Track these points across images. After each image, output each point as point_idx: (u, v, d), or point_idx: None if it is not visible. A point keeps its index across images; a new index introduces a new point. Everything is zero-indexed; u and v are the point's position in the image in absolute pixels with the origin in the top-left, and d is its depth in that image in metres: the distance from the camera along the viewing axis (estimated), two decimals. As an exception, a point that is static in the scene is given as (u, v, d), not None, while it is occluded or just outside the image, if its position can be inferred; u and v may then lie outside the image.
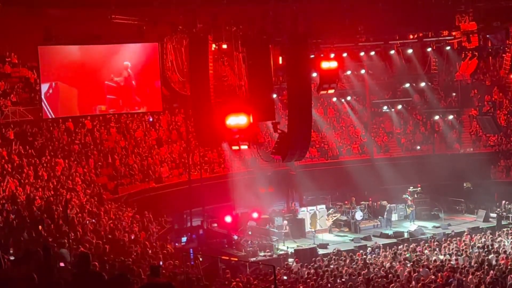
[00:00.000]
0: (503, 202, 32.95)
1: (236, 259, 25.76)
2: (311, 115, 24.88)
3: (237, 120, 24.12)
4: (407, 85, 36.97)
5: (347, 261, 24.98)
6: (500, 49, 30.50)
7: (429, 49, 32.41)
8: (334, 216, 32.68)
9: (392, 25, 31.58)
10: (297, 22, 26.79)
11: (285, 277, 22.34)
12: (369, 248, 28.16)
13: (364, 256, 25.81)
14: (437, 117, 38.46)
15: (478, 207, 34.29)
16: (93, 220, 22.94)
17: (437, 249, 26.35)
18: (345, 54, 31.83)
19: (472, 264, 22.10)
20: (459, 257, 23.83)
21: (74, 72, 30.63)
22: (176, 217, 32.22)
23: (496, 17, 29.95)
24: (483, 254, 23.80)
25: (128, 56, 31.60)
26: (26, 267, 9.71)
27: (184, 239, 30.40)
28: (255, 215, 31.61)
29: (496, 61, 36.45)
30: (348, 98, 39.06)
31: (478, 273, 20.13)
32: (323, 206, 33.80)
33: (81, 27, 30.92)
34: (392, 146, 39.36)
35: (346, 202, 34.12)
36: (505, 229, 29.66)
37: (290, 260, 27.33)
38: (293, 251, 28.50)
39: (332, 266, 24.01)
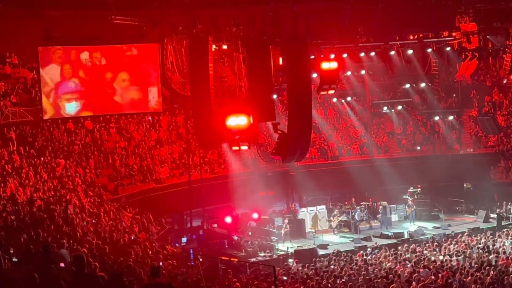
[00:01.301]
0: (504, 202, 32.96)
1: (236, 260, 25.74)
2: (311, 115, 24.88)
3: (237, 121, 24.13)
4: (407, 85, 36.97)
5: (347, 261, 24.98)
6: (500, 49, 30.53)
7: (429, 50, 32.47)
8: (339, 217, 32.73)
9: (392, 25, 31.61)
10: (297, 23, 26.78)
11: (285, 278, 22.35)
12: (369, 249, 28.17)
13: (365, 257, 25.81)
14: (437, 118, 38.45)
15: (478, 208, 34.27)
16: (93, 221, 22.97)
17: (437, 249, 26.36)
18: (345, 55, 31.92)
19: (472, 264, 22.10)
20: (459, 257, 23.83)
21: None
22: (176, 217, 32.18)
23: (496, 18, 29.98)
24: (484, 254, 23.79)
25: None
26: (27, 268, 9.72)
27: (184, 239, 30.40)
28: (255, 215, 31.61)
29: (496, 62, 36.49)
30: (348, 98, 39.06)
31: (478, 274, 20.12)
32: (323, 206, 33.85)
33: (81, 28, 30.99)
34: (392, 147, 39.35)
35: (346, 202, 34.12)
36: (505, 230, 29.66)
37: (290, 260, 27.34)
38: (293, 252, 28.51)
39: (332, 267, 24.02)
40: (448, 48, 31.82)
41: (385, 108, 38.90)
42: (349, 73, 35.76)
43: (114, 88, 31.61)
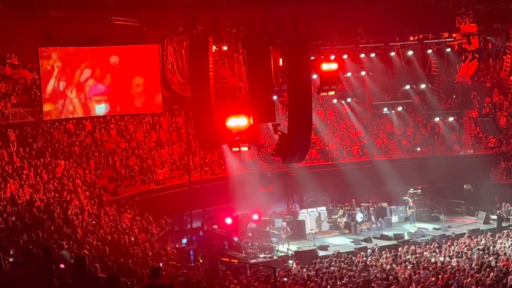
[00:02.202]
0: (504, 204, 32.93)
1: (236, 261, 25.73)
2: (311, 116, 24.85)
3: (238, 122, 24.08)
4: (407, 87, 36.93)
5: (348, 263, 24.95)
6: (500, 51, 30.50)
7: (429, 51, 32.42)
8: (343, 218, 32.79)
9: (392, 26, 31.61)
10: (297, 23, 26.77)
11: (285, 279, 22.33)
12: (369, 250, 28.15)
13: (365, 258, 25.79)
14: (437, 119, 38.44)
15: (478, 209, 34.25)
16: (93, 222, 22.97)
17: (437, 251, 26.34)
18: (345, 56, 31.87)
19: (473, 266, 22.08)
20: (459, 259, 23.81)
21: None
22: (177, 218, 32.23)
23: (497, 19, 29.95)
24: (484, 256, 23.76)
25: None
26: (27, 268, 9.71)
27: (184, 240, 30.38)
28: (255, 216, 31.59)
29: (497, 63, 36.44)
30: (349, 100, 39.05)
31: (479, 275, 20.10)
32: (324, 208, 33.85)
33: (81, 29, 30.96)
34: (392, 148, 39.33)
35: (346, 204, 34.11)
36: (505, 231, 29.64)
37: (290, 262, 27.32)
38: (293, 253, 28.49)
39: (332, 268, 23.99)
40: (448, 49, 31.77)
41: (385, 109, 38.83)
42: (349, 74, 35.74)
43: (132, 93, 31.99)
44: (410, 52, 32.32)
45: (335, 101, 38.85)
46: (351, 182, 35.13)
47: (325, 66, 26.42)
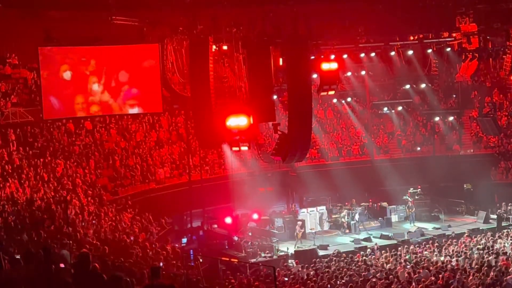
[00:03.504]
0: (504, 203, 32.94)
1: (236, 261, 25.75)
2: (311, 116, 24.86)
3: (238, 121, 24.12)
4: (407, 86, 36.95)
5: (348, 262, 24.97)
6: (500, 50, 30.50)
7: (429, 51, 32.44)
8: (346, 217, 32.92)
9: (392, 26, 31.62)
10: (298, 23, 26.74)
11: (286, 278, 22.35)
12: (368, 250, 28.16)
13: (364, 258, 25.81)
14: (437, 119, 38.43)
15: (478, 209, 34.25)
16: (93, 221, 22.98)
17: (437, 250, 26.34)
18: (345, 56, 31.87)
19: (472, 265, 22.10)
20: (459, 258, 23.82)
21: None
22: (176, 218, 32.22)
23: (497, 19, 29.96)
24: (484, 255, 23.78)
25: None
26: (27, 268, 9.71)
27: (184, 240, 30.41)
28: (255, 216, 31.62)
29: (497, 63, 36.47)
30: (349, 99, 39.06)
31: (478, 275, 20.11)
32: (323, 207, 33.86)
33: (81, 29, 30.98)
34: (392, 147, 39.34)
35: (346, 203, 34.11)
36: (505, 231, 29.65)
37: (290, 261, 27.34)
38: (293, 253, 28.50)
39: (332, 268, 24.00)
40: (448, 49, 31.78)
41: (385, 108, 38.84)
42: (349, 73, 35.75)
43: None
44: (410, 52, 32.33)
45: (335, 100, 38.86)
46: (351, 182, 35.09)
47: (325, 66, 26.41)
